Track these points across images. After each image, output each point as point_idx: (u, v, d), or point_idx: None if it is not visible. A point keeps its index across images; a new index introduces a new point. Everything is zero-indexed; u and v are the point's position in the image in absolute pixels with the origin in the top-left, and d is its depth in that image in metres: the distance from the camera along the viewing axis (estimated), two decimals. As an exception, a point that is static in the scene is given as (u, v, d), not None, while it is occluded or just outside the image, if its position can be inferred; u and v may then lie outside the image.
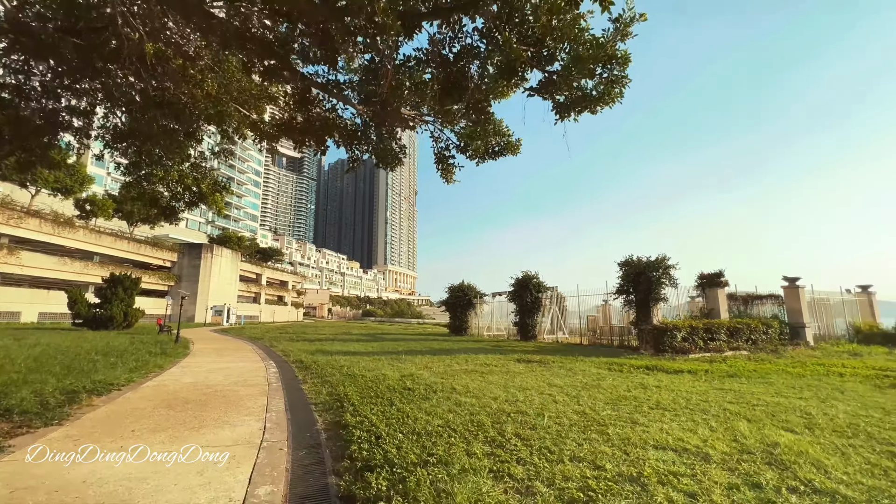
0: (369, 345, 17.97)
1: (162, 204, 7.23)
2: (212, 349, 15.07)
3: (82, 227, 42.22)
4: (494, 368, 10.33)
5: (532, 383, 8.16)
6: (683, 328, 15.55)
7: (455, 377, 8.80)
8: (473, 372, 9.67)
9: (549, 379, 8.77)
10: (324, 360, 11.62)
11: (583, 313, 30.85)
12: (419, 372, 9.51)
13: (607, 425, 4.96)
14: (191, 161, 6.76)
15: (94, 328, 23.92)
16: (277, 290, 68.39)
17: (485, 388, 7.56)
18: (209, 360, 11.51)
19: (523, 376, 9.06)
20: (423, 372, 9.57)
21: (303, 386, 7.78)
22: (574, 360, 12.60)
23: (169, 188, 6.84)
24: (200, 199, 7.06)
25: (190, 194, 7.00)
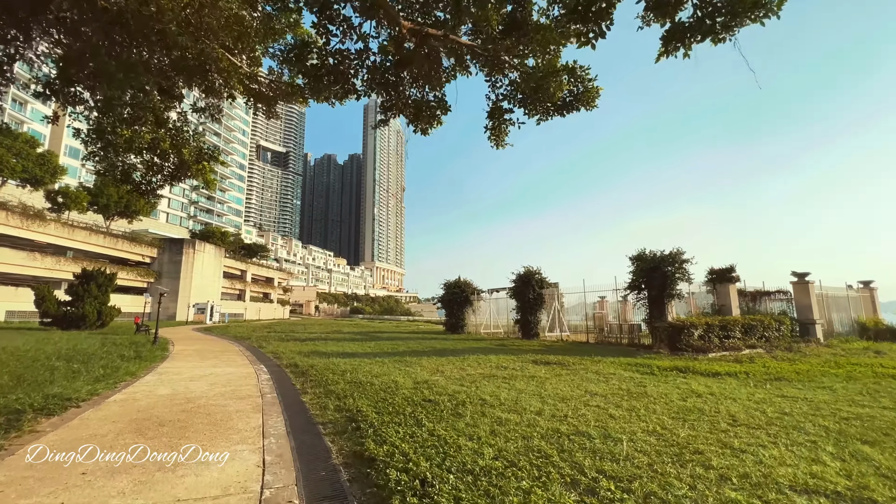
0: (366, 344, 16.77)
1: (135, 179, 5.93)
2: (194, 351, 13.69)
3: (54, 220, 39.78)
4: (515, 372, 9.27)
5: (568, 391, 7.12)
6: (700, 325, 14.76)
7: (477, 384, 7.71)
8: (494, 377, 8.60)
9: (583, 385, 7.75)
10: (321, 363, 10.41)
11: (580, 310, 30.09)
12: (433, 378, 8.39)
13: (703, 453, 3.93)
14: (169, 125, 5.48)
15: (64, 328, 22.13)
16: (263, 287, 66.31)
17: (518, 398, 6.49)
18: (191, 365, 10.18)
19: (552, 382, 8.03)
20: (438, 378, 8.46)
21: (303, 398, 6.59)
22: (593, 361, 11.65)
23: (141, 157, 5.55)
24: (182, 169, 5.79)
25: (169, 165, 5.73)
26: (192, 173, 5.84)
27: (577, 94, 3.87)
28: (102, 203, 46.29)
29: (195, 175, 5.85)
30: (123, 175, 5.88)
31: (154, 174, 5.87)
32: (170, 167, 5.83)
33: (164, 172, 5.89)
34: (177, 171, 5.87)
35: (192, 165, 5.67)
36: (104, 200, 46.25)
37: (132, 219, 50.80)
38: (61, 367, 8.32)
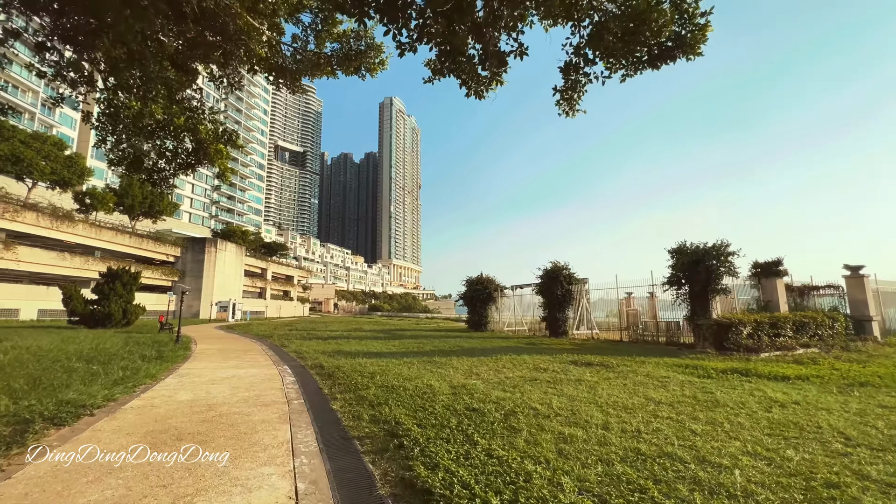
0: (389, 343, 16.21)
1: (147, 166, 5.40)
2: (216, 350, 13.34)
3: (82, 221, 40.66)
4: (558, 375, 8.50)
5: (625, 398, 6.33)
6: (748, 323, 13.68)
7: (520, 390, 6.97)
8: (536, 381, 7.85)
9: (639, 390, 6.93)
10: (347, 364, 9.84)
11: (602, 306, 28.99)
12: (470, 382, 7.70)
13: (839, 486, 3.13)
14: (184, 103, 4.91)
15: (91, 326, 22.31)
16: (283, 284, 66.85)
17: (574, 407, 5.73)
18: (213, 366, 9.75)
19: (604, 387, 7.23)
20: (475, 381, 7.76)
21: (333, 405, 5.97)
22: (636, 362, 10.77)
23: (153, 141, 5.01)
24: (197, 154, 5.22)
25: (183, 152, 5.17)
26: (210, 158, 5.24)
27: (680, 35, 3.08)
28: (128, 204, 47.18)
29: (212, 159, 5.26)
30: (135, 162, 5.35)
31: (168, 161, 5.32)
32: (184, 154, 5.26)
33: (178, 160, 5.32)
34: (192, 157, 5.31)
35: (210, 145, 5.07)
36: (129, 201, 47.13)
37: (156, 219, 51.68)
38: (80, 368, 7.94)
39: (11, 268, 34.08)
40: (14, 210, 34.47)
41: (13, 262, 33.87)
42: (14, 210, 34.47)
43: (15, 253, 33.98)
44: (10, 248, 33.68)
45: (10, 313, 34.24)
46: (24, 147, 37.24)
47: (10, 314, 34.25)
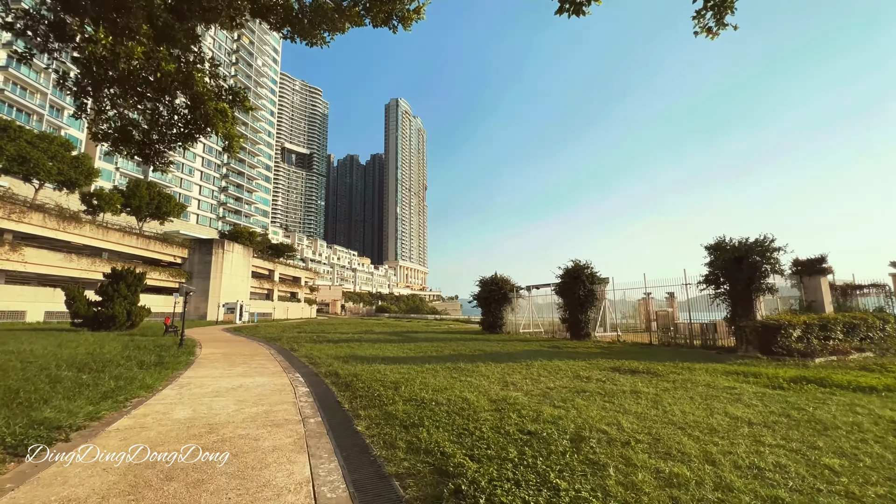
0: (405, 346, 15.23)
1: (137, 137, 4.46)
2: (221, 355, 12.44)
3: (89, 222, 40.19)
4: (606, 386, 7.46)
5: (705, 417, 5.28)
6: (798, 325, 12.52)
7: (572, 404, 5.94)
8: (585, 393, 6.81)
9: (712, 405, 5.87)
10: (364, 371, 8.86)
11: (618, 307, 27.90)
12: (510, 394, 6.68)
13: None
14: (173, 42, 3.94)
15: (94, 329, 21.60)
16: (290, 286, 66.22)
17: (650, 430, 4.70)
18: (217, 373, 8.82)
19: (668, 401, 6.18)
20: (515, 394, 6.75)
21: (357, 425, 4.99)
22: (683, 368, 9.68)
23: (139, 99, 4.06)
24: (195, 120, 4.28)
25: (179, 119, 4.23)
26: (210, 121, 4.28)
27: None
28: (135, 205, 46.76)
29: (213, 122, 4.30)
30: (123, 134, 4.43)
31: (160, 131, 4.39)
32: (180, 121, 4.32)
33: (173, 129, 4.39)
34: (190, 124, 4.37)
35: (209, 103, 4.10)
36: (136, 202, 46.72)
37: (163, 220, 51.26)
38: (68, 378, 7.03)
39: (18, 269, 33.64)
40: (21, 211, 34.03)
41: (19, 263, 33.41)
42: (21, 211, 34.03)
43: (21, 254, 33.53)
44: (16, 249, 33.24)
45: (16, 315, 33.79)
46: (30, 147, 36.83)
47: (17, 316, 33.80)
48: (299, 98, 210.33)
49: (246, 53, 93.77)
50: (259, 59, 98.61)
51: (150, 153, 4.63)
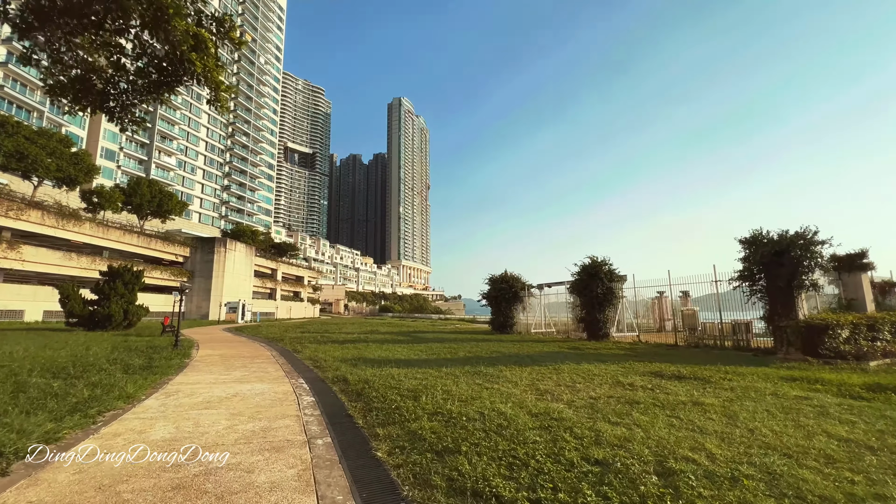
0: (415, 347, 14.25)
1: (99, 87, 3.49)
2: (219, 357, 11.49)
3: (89, 220, 39.41)
4: (657, 395, 6.44)
5: (805, 440, 4.26)
6: (846, 325, 11.46)
7: (631, 420, 4.94)
8: (637, 404, 5.81)
9: (806, 423, 4.86)
10: (376, 377, 7.88)
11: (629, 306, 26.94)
12: (551, 406, 5.68)
13: None
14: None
15: (89, 328, 20.74)
16: (293, 285, 65.38)
17: (756, 460, 3.69)
18: (212, 379, 7.86)
19: (743, 416, 5.17)
20: (557, 405, 5.75)
21: (377, 449, 4.00)
22: (731, 373, 8.67)
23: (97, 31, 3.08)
24: (171, 62, 3.30)
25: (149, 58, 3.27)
26: (189, 61, 3.31)
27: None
28: (136, 203, 46.03)
29: (193, 62, 3.33)
30: (83, 85, 3.49)
31: (129, 80, 3.44)
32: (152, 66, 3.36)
33: (143, 77, 3.44)
34: (164, 70, 3.42)
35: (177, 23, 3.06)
36: (137, 200, 45.99)
37: (165, 218, 50.52)
38: (37, 385, 6.08)
39: (16, 268, 32.88)
40: (18, 208, 33.25)
41: (17, 262, 32.65)
42: (18, 208, 33.25)
43: (20, 252, 32.76)
44: (14, 247, 32.47)
45: (14, 314, 33.04)
46: (28, 143, 36.04)
47: (15, 315, 33.05)
48: (302, 97, 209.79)
49: (248, 51, 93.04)
50: (261, 56, 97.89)
51: (116, 107, 3.67)
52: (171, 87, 3.76)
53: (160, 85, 3.67)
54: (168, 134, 71.48)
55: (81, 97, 3.61)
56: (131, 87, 3.63)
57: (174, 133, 72.54)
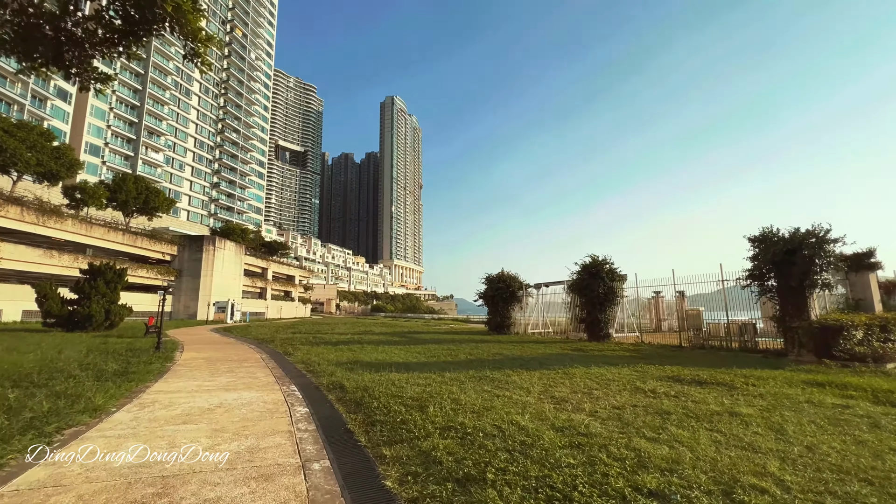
0: (412, 350, 13.62)
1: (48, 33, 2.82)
2: (204, 360, 10.74)
3: (71, 216, 38.04)
4: (686, 404, 5.90)
5: (874, 461, 3.74)
6: (860, 326, 11.08)
7: (669, 434, 4.38)
8: (665, 414, 5.25)
9: (868, 439, 4.33)
10: (374, 382, 7.24)
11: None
12: (572, 417, 5.10)
13: None
14: None
15: (68, 329, 19.75)
16: (284, 284, 64.22)
17: (819, 482, 3.14)
18: (194, 386, 7.15)
19: (791, 429, 4.63)
20: (577, 416, 5.17)
21: (386, 479, 3.37)
22: (753, 378, 8.17)
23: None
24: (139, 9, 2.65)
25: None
26: (162, 13, 2.67)
27: None
28: (121, 199, 44.65)
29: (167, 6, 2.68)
30: (28, 34, 2.82)
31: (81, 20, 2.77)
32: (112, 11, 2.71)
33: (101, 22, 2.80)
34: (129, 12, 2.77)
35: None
36: (123, 196, 44.62)
37: (151, 216, 49.16)
38: (-10, 397, 5.34)
39: (-8, 266, 31.56)
40: (-4, 204, 31.92)
41: (-7, 259, 31.33)
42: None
43: (-5, 249, 31.44)
44: (-10, 244, 31.17)
45: (-9, 315, 31.71)
46: (7, 136, 34.63)
47: (-8, 316, 31.72)
48: (293, 95, 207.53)
49: (239, 46, 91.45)
50: (252, 52, 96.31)
51: (72, 59, 2.97)
52: (137, 36, 3.09)
53: (125, 34, 3.00)
54: (155, 129, 69.79)
55: (31, 51, 2.93)
56: (88, 35, 2.96)
57: (162, 129, 70.85)
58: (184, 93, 75.95)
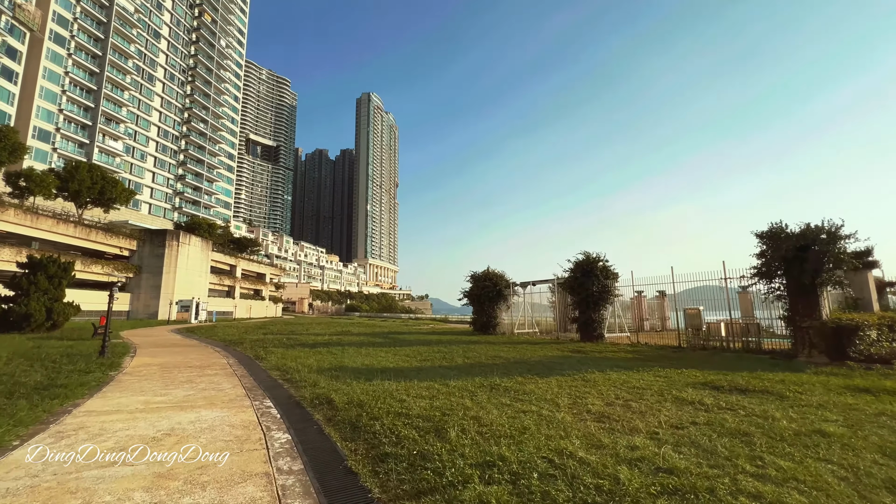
0: (400, 353, 12.37)
1: None
2: (158, 368, 9.11)
3: (13, 206, 34.51)
4: (756, 421, 4.92)
5: None
6: (873, 325, 10.63)
7: (777, 472, 3.35)
8: (744, 436, 4.24)
9: None
10: (369, 395, 5.97)
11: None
12: (635, 443, 4.01)
13: None
14: None
15: (2, 330, 17.35)
16: (254, 283, 61.18)
17: None
18: (138, 404, 5.67)
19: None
20: (640, 439, 4.08)
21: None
22: (790, 383, 7.37)
23: None
24: None
25: None
26: None
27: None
28: (73, 189, 40.98)
29: None
30: None
31: None
32: None
33: None
34: None
35: None
36: (75, 186, 40.96)
37: (108, 208, 45.53)
38: None
39: (-83, 259, 28.10)
40: (-78, 190, 28.42)
41: (-82, 252, 27.90)
42: (-78, 190, 28.42)
43: (-79, 241, 28.00)
44: (-86, 235, 27.69)
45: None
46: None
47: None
48: (266, 88, 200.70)
49: (208, 32, 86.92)
50: (223, 39, 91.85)
51: None
52: None
53: None
54: (114, 116, 65.13)
55: None
56: None
57: (122, 115, 66.21)
58: (147, 78, 71.33)
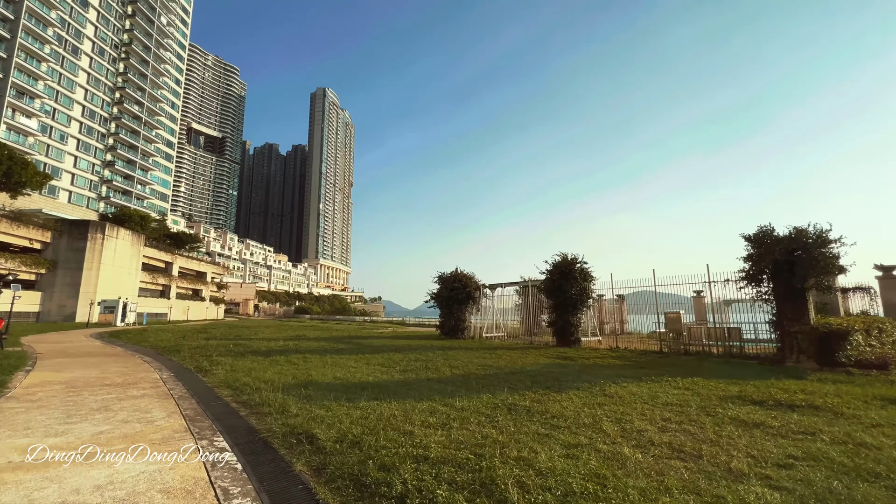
0: (371, 361, 10.83)
1: None
2: (62, 387, 6.95)
3: None
4: (859, 450, 4.04)
5: None
6: (859, 330, 10.60)
7: None
8: (877, 479, 3.30)
9: None
10: (360, 426, 4.51)
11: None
12: (743, 495, 2.90)
13: None
14: None
15: None
16: (193, 282, 55.91)
17: None
18: (14, 453, 3.81)
19: None
20: (749, 488, 2.98)
21: None
22: (823, 395, 6.75)
23: None
24: None
25: None
26: None
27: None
28: (-29, 170, 34.96)
29: None
30: None
31: None
32: None
33: None
34: None
35: None
36: (-26, 166, 34.96)
37: (15, 193, 39.31)
38: None
39: None
40: None
41: None
42: None
43: None
44: None
45: None
46: None
47: None
48: (211, 75, 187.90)
49: (146, 6, 79.18)
50: (163, 16, 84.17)
51: None
52: None
53: None
54: (28, 90, 57.15)
55: None
56: None
57: (38, 90, 58.26)
58: (70, 50, 63.43)
